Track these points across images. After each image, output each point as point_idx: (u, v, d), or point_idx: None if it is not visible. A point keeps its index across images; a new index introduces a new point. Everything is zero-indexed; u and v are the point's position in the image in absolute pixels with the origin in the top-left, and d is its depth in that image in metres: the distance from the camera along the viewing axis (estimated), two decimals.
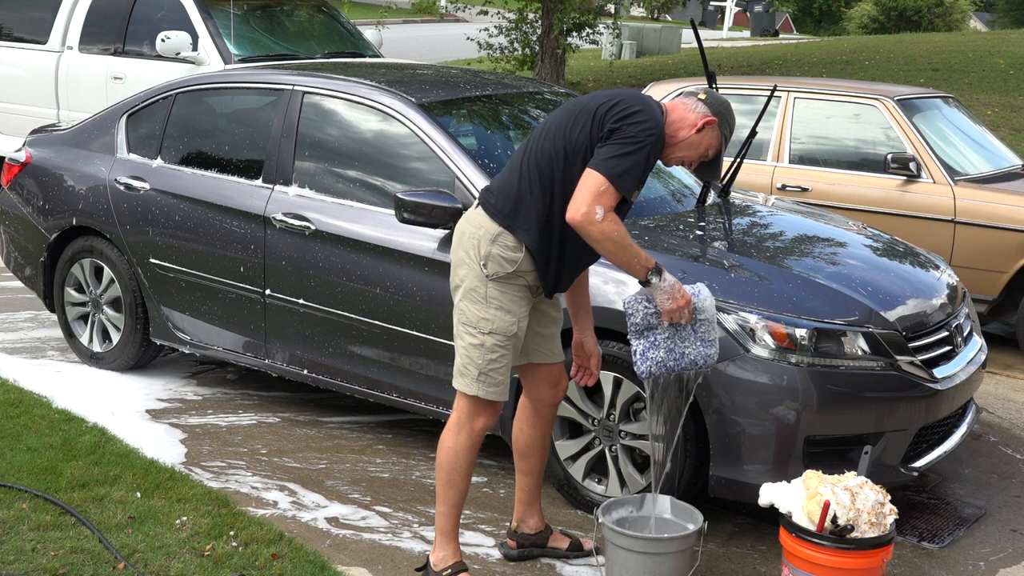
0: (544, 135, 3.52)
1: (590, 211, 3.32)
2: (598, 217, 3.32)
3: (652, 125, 3.37)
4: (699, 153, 3.50)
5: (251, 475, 4.61)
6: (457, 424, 3.64)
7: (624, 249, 3.40)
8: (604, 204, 3.33)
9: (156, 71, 8.27)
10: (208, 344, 5.37)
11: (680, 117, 3.47)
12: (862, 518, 3.40)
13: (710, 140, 3.49)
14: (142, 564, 3.70)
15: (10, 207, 6.09)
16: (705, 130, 3.47)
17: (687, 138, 3.47)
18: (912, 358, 4.15)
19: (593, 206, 3.32)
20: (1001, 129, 11.73)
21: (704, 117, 3.46)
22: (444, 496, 3.69)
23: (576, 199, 3.34)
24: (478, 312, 3.52)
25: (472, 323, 3.53)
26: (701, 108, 3.48)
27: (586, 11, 13.84)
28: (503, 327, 3.52)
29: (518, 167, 3.54)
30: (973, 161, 7.07)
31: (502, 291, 3.51)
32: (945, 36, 20.33)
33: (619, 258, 3.42)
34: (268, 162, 5.11)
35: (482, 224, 3.53)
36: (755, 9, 38.83)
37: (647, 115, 3.38)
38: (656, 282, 3.46)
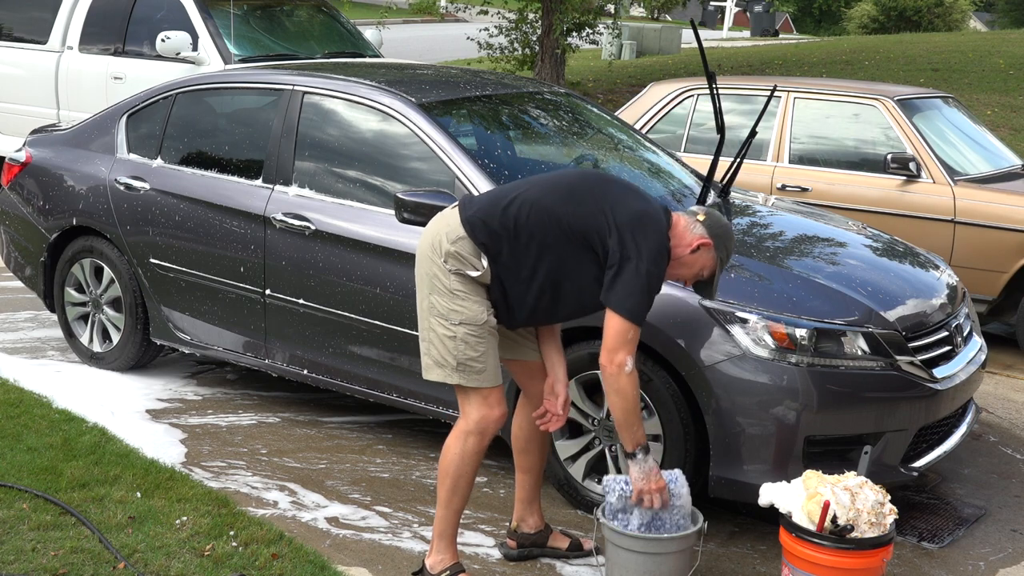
0: (546, 189, 3.50)
1: (623, 361, 3.35)
2: (628, 369, 3.36)
3: (664, 248, 3.39)
4: (693, 272, 3.51)
5: (251, 475, 4.61)
6: (463, 430, 3.60)
7: (631, 412, 3.44)
8: (632, 352, 3.37)
9: (156, 71, 8.27)
10: (208, 344, 5.37)
11: (679, 235, 3.46)
12: (862, 518, 3.40)
13: (704, 261, 3.49)
14: (142, 564, 3.70)
15: (10, 207, 6.09)
16: (700, 251, 3.46)
17: (682, 256, 3.46)
18: (912, 358, 4.15)
19: (625, 356, 3.35)
20: (1001, 129, 11.73)
21: (700, 239, 3.45)
22: (447, 502, 3.65)
23: (608, 344, 3.35)
24: (446, 304, 3.51)
25: (443, 315, 3.51)
26: (699, 230, 3.47)
27: (586, 11, 13.84)
28: (472, 315, 3.49)
29: (507, 204, 3.49)
30: (973, 161, 7.07)
31: (463, 281, 3.50)
32: (945, 36, 20.34)
33: (622, 418, 3.45)
34: (268, 162, 5.11)
35: (450, 224, 3.52)
36: (755, 9, 38.84)
37: (660, 241, 3.38)
38: (640, 459, 3.49)
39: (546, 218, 3.44)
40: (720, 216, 3.58)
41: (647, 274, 3.33)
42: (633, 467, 3.51)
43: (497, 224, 3.46)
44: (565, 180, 3.57)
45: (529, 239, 3.45)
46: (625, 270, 3.33)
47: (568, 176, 3.63)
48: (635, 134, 5.76)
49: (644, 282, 3.33)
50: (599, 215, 3.39)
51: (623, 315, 3.33)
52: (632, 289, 3.33)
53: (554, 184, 3.54)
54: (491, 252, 3.47)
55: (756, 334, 3.95)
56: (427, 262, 3.57)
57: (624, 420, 3.44)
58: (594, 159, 5.41)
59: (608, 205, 3.41)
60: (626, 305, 3.33)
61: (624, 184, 3.62)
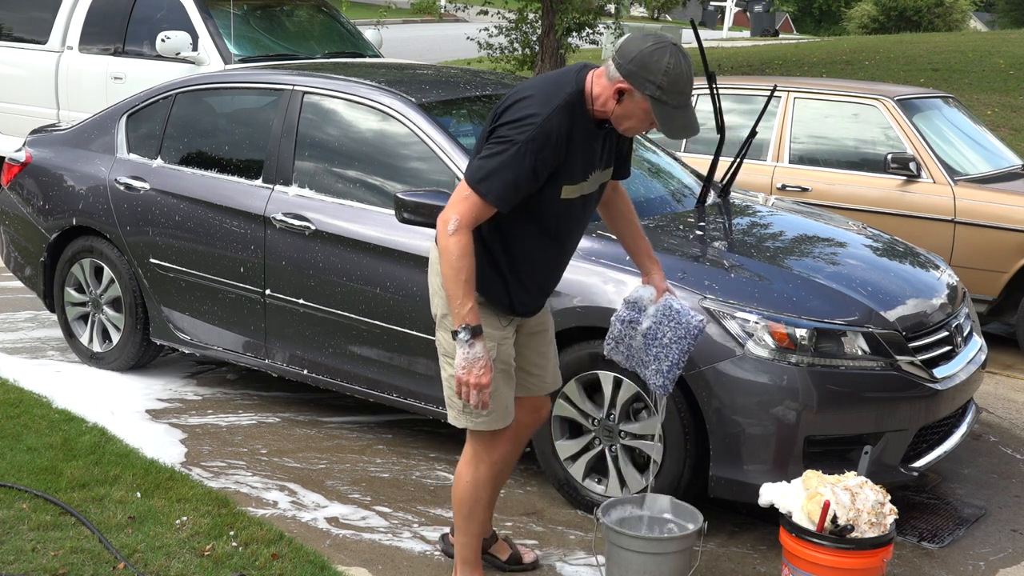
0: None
1: (448, 218, 3.08)
2: (450, 228, 3.07)
3: (526, 118, 3.03)
4: (641, 121, 3.09)
5: (251, 475, 4.61)
6: (474, 457, 3.45)
7: (455, 279, 3.10)
8: (461, 214, 3.07)
9: (156, 71, 8.27)
10: (208, 344, 5.37)
11: (602, 90, 3.09)
12: (862, 518, 3.40)
13: (637, 105, 3.05)
14: (142, 564, 3.70)
15: (10, 207, 6.09)
16: (625, 98, 3.06)
17: (614, 110, 3.09)
18: (912, 358, 4.15)
19: (451, 213, 3.08)
20: (1001, 129, 11.73)
21: (617, 83, 3.05)
22: (465, 528, 3.51)
23: (447, 204, 3.14)
24: (444, 337, 3.33)
25: (449, 353, 3.32)
26: (614, 74, 3.05)
27: (587, 11, 13.83)
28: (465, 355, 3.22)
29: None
30: (973, 161, 7.07)
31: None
32: (945, 36, 20.33)
33: (447, 285, 3.13)
34: (268, 162, 5.11)
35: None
36: (755, 9, 38.83)
37: (523, 107, 3.06)
38: (464, 340, 3.12)
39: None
40: (637, 39, 3.08)
41: (497, 140, 3.06)
42: (457, 350, 3.15)
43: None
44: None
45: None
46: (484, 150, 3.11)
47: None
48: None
49: (493, 150, 3.06)
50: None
51: (464, 177, 3.11)
52: (480, 156, 3.10)
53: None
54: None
55: (756, 334, 3.95)
56: (436, 296, 3.37)
57: (447, 287, 3.13)
58: None
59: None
60: (468, 170, 3.11)
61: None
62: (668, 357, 3.54)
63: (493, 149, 3.07)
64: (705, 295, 4.05)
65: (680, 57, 3.01)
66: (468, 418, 3.36)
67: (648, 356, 3.57)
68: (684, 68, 3.01)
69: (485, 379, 3.15)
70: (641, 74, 3.01)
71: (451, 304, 3.13)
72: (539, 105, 3.05)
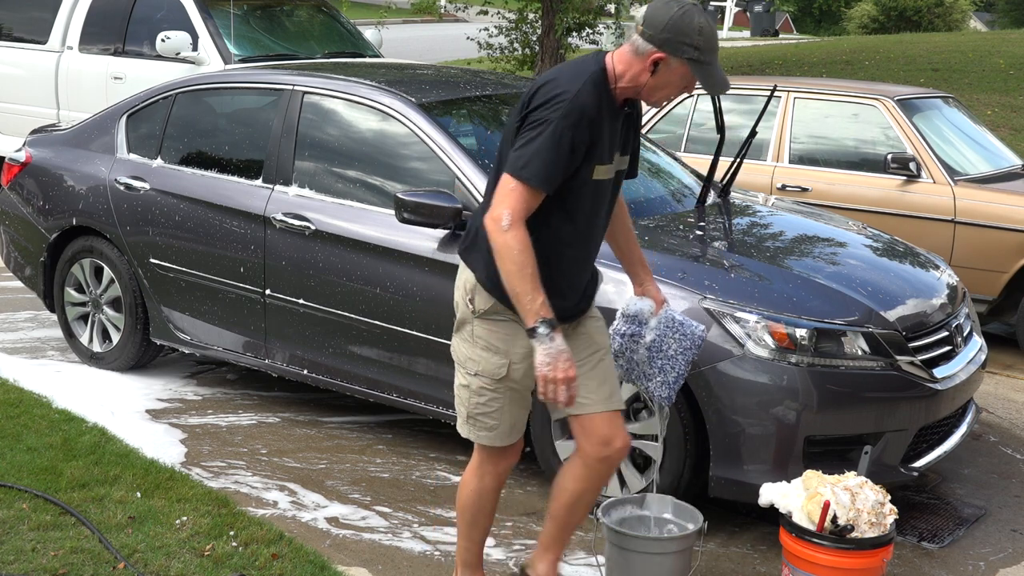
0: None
1: (499, 215, 2.96)
2: (504, 224, 2.95)
3: (556, 96, 2.98)
4: (677, 87, 3.07)
5: (251, 475, 4.61)
6: (479, 468, 3.38)
7: (519, 275, 2.97)
8: (511, 207, 2.96)
9: (156, 71, 8.27)
10: (208, 344, 5.37)
11: (629, 66, 3.05)
12: (862, 518, 3.40)
13: (674, 72, 3.03)
14: (142, 564, 3.70)
15: (10, 207, 6.09)
16: (660, 68, 3.02)
17: (648, 82, 3.05)
18: (912, 358, 4.15)
19: (502, 210, 2.96)
20: (1001, 129, 11.73)
21: (652, 55, 3.01)
22: (468, 534, 3.46)
23: (492, 202, 3.02)
24: (465, 351, 3.25)
25: (461, 362, 3.27)
26: (645, 47, 3.02)
27: (587, 11, 13.83)
28: (490, 369, 3.20)
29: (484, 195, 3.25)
30: (973, 161, 7.07)
31: (490, 329, 3.19)
32: (945, 36, 20.32)
33: (511, 283, 2.98)
34: (268, 162, 5.11)
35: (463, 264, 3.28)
36: (755, 9, 38.81)
37: (551, 89, 3.00)
38: (543, 335, 2.97)
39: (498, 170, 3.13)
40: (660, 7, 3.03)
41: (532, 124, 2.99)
42: (536, 347, 3.00)
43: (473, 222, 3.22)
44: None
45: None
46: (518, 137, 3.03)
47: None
48: None
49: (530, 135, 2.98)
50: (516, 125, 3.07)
51: (506, 170, 3.01)
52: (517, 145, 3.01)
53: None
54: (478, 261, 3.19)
55: (756, 334, 3.95)
56: (460, 302, 3.27)
57: (512, 287, 2.98)
58: None
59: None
60: (509, 162, 3.01)
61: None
62: (674, 368, 3.52)
63: (529, 135, 2.99)
64: (705, 295, 4.05)
65: (705, 15, 3.03)
66: (473, 430, 3.31)
67: (652, 369, 3.52)
68: (712, 25, 3.05)
69: (572, 371, 3.01)
70: (677, 39, 2.99)
71: (520, 302, 2.99)
72: (567, 83, 3.01)
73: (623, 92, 3.10)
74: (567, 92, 2.99)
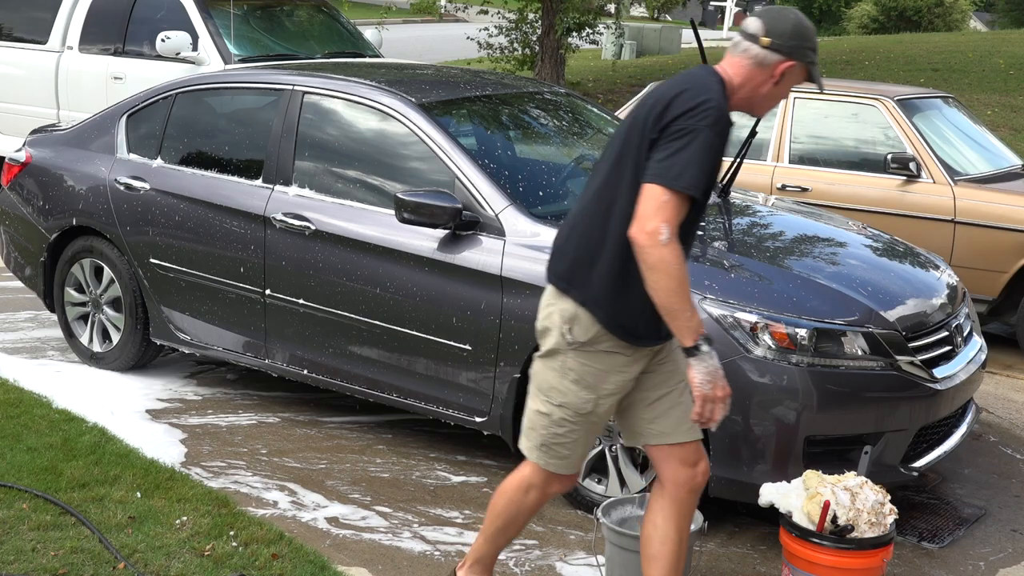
0: (597, 169, 3.14)
1: (656, 229, 2.83)
2: (663, 238, 2.83)
3: (701, 104, 2.90)
4: (785, 95, 3.11)
5: (251, 475, 4.61)
6: (528, 483, 3.28)
7: (679, 292, 2.88)
8: (667, 219, 2.84)
9: (156, 71, 8.27)
10: (208, 344, 5.37)
11: (749, 78, 3.03)
12: (862, 518, 3.40)
13: (793, 79, 3.05)
14: (142, 564, 3.70)
15: (10, 207, 6.09)
16: (786, 76, 3.03)
17: (768, 92, 3.05)
18: (912, 358, 4.15)
19: (659, 223, 2.84)
20: (1001, 129, 11.73)
21: (780, 65, 3.01)
22: (492, 537, 3.38)
23: (639, 215, 2.87)
24: (552, 380, 3.12)
25: (544, 389, 3.15)
26: (771, 58, 3.00)
27: (587, 11, 13.84)
28: (576, 403, 3.11)
29: (574, 215, 3.15)
30: (973, 161, 7.07)
31: (584, 363, 3.08)
32: (945, 36, 20.33)
33: (669, 301, 2.88)
34: (268, 162, 5.11)
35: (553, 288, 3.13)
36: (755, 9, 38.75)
37: (690, 97, 2.91)
38: (705, 353, 2.91)
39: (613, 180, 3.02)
40: (779, 16, 3.05)
41: (678, 132, 2.89)
42: (694, 367, 2.92)
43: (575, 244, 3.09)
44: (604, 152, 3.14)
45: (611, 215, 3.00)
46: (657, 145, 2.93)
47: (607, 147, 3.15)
48: None
49: (679, 144, 2.89)
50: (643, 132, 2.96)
51: (652, 180, 2.88)
52: (662, 154, 2.90)
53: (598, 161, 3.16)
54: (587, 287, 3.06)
55: (756, 334, 3.95)
56: (552, 330, 3.13)
57: (670, 304, 2.88)
58: (594, 159, 5.41)
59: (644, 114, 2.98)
60: (656, 171, 2.89)
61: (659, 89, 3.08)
62: None
63: (677, 143, 2.88)
64: (705, 295, 4.04)
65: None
66: (544, 457, 3.20)
67: None
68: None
69: (728, 389, 2.96)
70: (803, 46, 3.02)
71: (678, 319, 2.89)
72: (704, 92, 2.93)
73: (734, 105, 3.07)
74: (711, 100, 2.92)
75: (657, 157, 2.90)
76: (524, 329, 4.29)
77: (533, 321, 4.21)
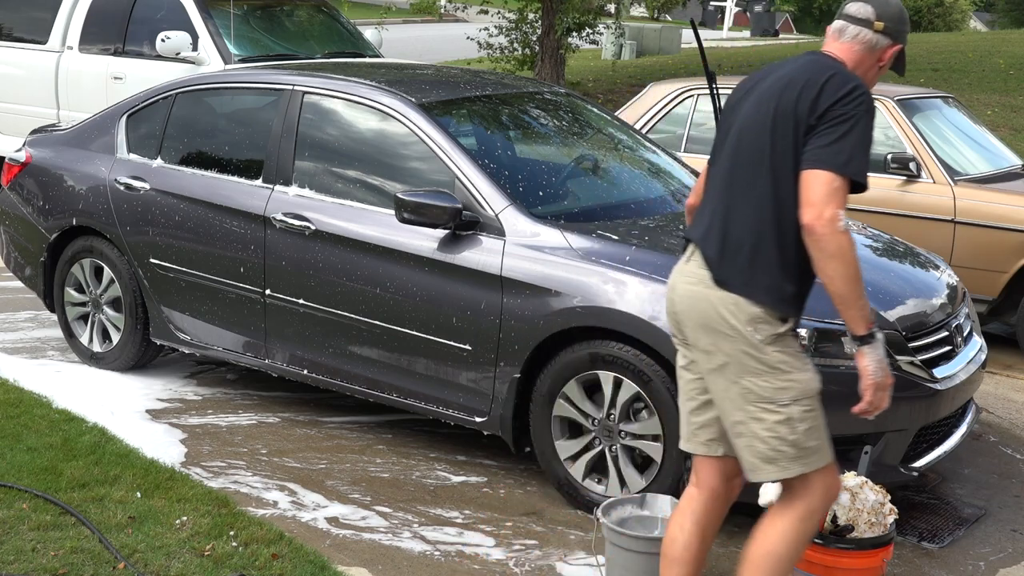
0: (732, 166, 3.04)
1: (834, 215, 2.79)
2: (841, 225, 2.80)
3: (853, 90, 2.88)
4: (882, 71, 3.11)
5: (251, 475, 4.60)
6: (810, 508, 3.02)
7: (856, 280, 2.84)
8: (841, 205, 2.83)
9: (156, 71, 8.27)
10: (208, 344, 5.37)
11: (860, 62, 3.02)
12: (862, 518, 3.40)
13: (892, 62, 3.08)
14: (142, 564, 3.70)
15: (10, 207, 6.09)
16: (893, 60, 3.07)
17: (874, 75, 3.07)
18: (912, 358, 4.15)
19: (835, 209, 2.80)
20: (1001, 129, 11.73)
21: (889, 49, 3.03)
22: None
23: (811, 202, 2.82)
24: (773, 383, 2.94)
25: (769, 398, 2.94)
26: (883, 42, 3.02)
27: (587, 11, 13.85)
28: (808, 386, 2.98)
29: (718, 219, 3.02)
30: (973, 161, 7.07)
31: (784, 349, 2.97)
32: (945, 36, 20.34)
33: (847, 289, 2.83)
34: (268, 162, 5.11)
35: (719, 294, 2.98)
36: (755, 9, 38.86)
37: (839, 84, 2.89)
38: (878, 341, 2.89)
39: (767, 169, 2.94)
40: (887, 3, 3.04)
41: (839, 118, 2.87)
42: (867, 355, 2.92)
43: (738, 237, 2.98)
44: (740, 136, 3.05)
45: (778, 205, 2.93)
46: (816, 132, 2.89)
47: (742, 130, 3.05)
48: (635, 134, 5.75)
49: (842, 129, 2.86)
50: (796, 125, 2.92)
51: (819, 166, 2.84)
52: (826, 140, 2.87)
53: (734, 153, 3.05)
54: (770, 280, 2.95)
55: None
56: (725, 340, 2.97)
57: (848, 292, 2.83)
58: (594, 159, 5.41)
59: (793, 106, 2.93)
60: (823, 156, 2.84)
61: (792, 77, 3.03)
62: None
63: (839, 129, 2.85)
64: None
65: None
66: (806, 462, 2.97)
67: None
68: None
69: (892, 377, 2.99)
70: (906, 31, 3.05)
71: (853, 307, 2.86)
72: (850, 77, 2.92)
73: None
74: (860, 86, 2.90)
75: (820, 143, 2.86)
76: (524, 329, 4.30)
77: (533, 321, 4.25)
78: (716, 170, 3.15)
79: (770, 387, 2.94)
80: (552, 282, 4.26)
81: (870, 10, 3.02)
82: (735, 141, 3.08)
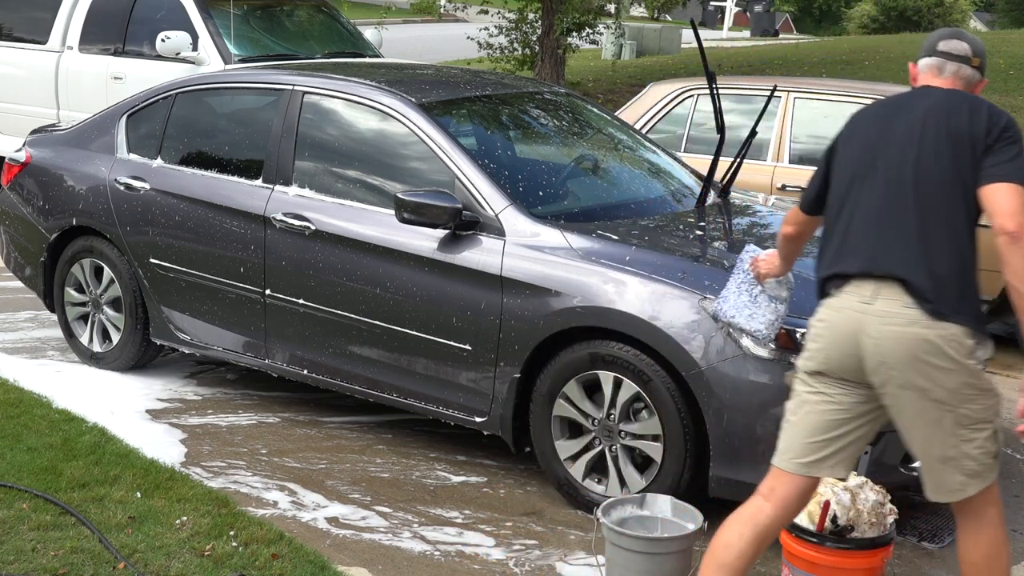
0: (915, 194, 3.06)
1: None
2: None
3: (1007, 116, 3.08)
4: None
5: (251, 475, 4.61)
6: (1001, 515, 3.21)
7: None
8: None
9: (156, 71, 8.27)
10: (208, 344, 5.37)
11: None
12: (862, 518, 3.40)
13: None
14: (142, 564, 3.70)
15: (10, 207, 6.09)
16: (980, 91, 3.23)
17: None
18: None
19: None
20: None
21: (980, 84, 3.24)
22: None
23: (1010, 212, 2.90)
24: (982, 403, 3.04)
25: (982, 419, 3.05)
26: (976, 77, 3.22)
27: (587, 11, 13.85)
28: (999, 400, 3.11)
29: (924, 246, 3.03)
30: None
31: (984, 368, 3.10)
32: None
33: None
34: (268, 162, 5.11)
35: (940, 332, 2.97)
36: (755, 9, 38.88)
37: (994, 110, 3.08)
38: None
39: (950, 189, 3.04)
40: (974, 39, 3.24)
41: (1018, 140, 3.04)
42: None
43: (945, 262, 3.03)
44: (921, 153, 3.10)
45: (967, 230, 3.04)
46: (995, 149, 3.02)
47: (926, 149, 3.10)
48: (635, 134, 5.76)
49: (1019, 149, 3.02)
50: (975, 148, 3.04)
51: (1011, 179, 2.94)
52: (1011, 154, 3.00)
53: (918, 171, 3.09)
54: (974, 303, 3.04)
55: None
56: (946, 375, 2.99)
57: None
58: (594, 159, 5.41)
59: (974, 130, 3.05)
60: (1009, 172, 2.96)
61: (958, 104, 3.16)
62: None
63: (1013, 148, 3.00)
64: (705, 295, 4.04)
65: None
66: (997, 465, 3.12)
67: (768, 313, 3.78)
68: None
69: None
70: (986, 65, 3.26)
71: None
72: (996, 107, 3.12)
73: None
74: (1006, 113, 3.10)
75: (1001, 159, 2.98)
76: (524, 329, 4.30)
77: (533, 321, 4.25)
78: (865, 201, 3.17)
79: (981, 408, 3.04)
80: (552, 282, 4.26)
81: (967, 47, 3.21)
82: (906, 170, 3.11)
